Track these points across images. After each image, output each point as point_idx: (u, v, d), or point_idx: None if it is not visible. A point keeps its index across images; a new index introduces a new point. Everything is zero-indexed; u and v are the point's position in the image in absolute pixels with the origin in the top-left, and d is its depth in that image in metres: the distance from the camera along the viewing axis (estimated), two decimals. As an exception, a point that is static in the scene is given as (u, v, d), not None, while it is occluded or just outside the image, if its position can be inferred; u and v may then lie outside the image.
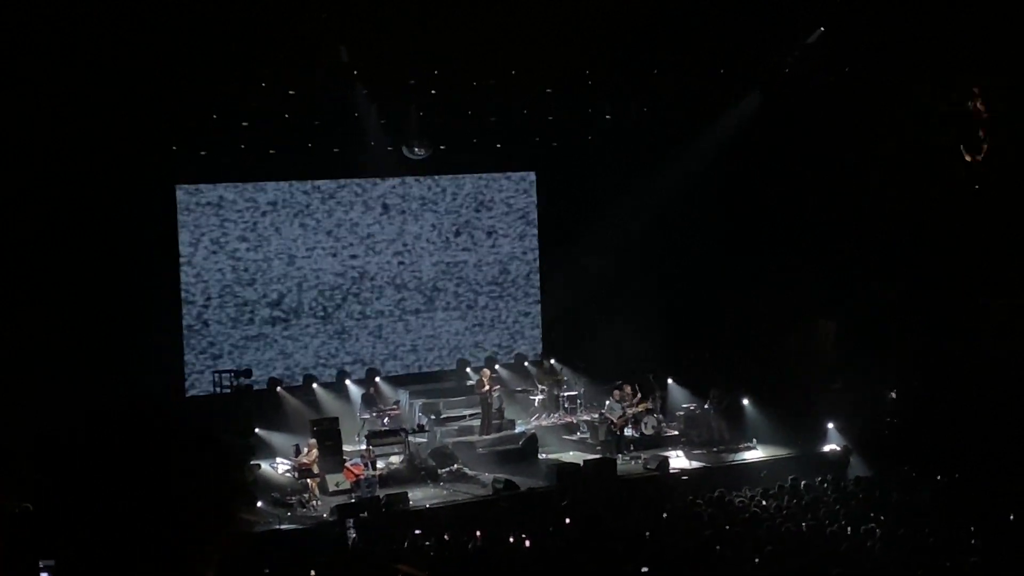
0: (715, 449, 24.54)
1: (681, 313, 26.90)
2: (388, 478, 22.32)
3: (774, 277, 26.29)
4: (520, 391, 26.99)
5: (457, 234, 28.26)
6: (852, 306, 26.03)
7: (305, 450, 22.06)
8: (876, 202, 25.45)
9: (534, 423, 25.77)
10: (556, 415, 26.27)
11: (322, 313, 26.87)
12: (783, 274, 26.18)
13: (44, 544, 1.97)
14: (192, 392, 25.18)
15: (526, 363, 28.33)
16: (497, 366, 27.79)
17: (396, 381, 26.75)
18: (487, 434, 24.87)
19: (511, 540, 17.53)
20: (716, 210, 26.85)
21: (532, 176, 29.00)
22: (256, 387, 25.09)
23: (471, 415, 25.54)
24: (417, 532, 18.41)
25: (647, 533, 17.38)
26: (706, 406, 25.22)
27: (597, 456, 23.71)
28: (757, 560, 15.33)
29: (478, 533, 18.12)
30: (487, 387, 25.13)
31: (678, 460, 23.97)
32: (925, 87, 23.92)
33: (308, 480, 21.49)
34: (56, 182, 21.63)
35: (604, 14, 22.47)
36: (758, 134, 26.06)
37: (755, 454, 24.40)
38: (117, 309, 22.65)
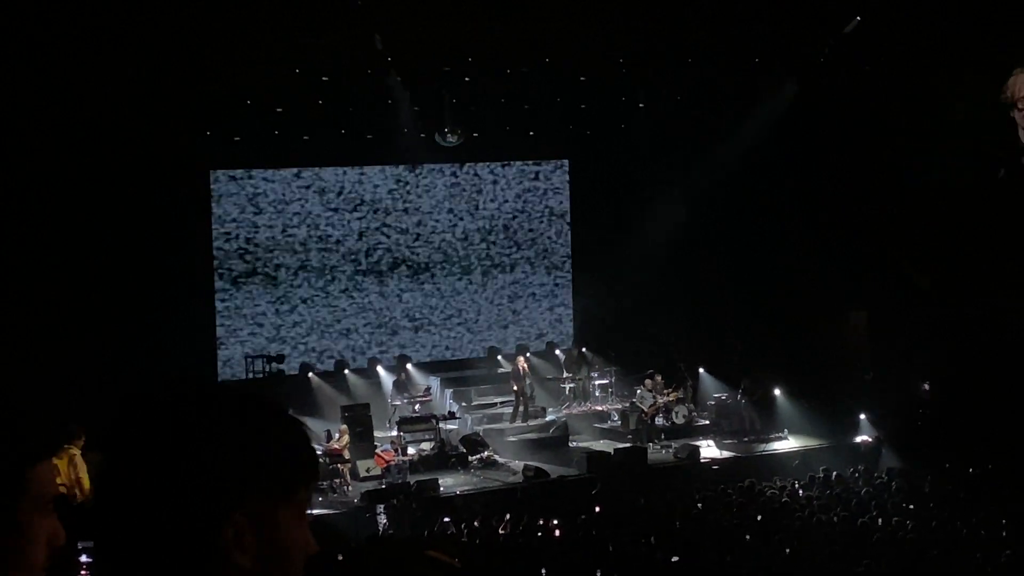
0: (746, 439, 24.47)
1: (713, 303, 26.81)
2: (418, 464, 22.39)
3: (807, 267, 26.19)
4: (551, 379, 27.00)
5: (489, 222, 28.26)
6: (885, 297, 25.89)
7: (336, 436, 22.15)
8: (911, 193, 25.29)
9: (565, 411, 25.78)
10: (587, 403, 26.27)
11: (354, 299, 26.95)
12: (816, 264, 26.08)
13: (83, 525, 2.02)
14: (224, 377, 25.31)
15: (557, 351, 28.32)
16: (528, 354, 27.82)
17: (427, 368, 26.81)
18: (522, 421, 24.83)
19: (541, 527, 17.57)
20: (749, 200, 26.73)
21: (565, 164, 28.97)
22: (288, 372, 25.22)
23: (502, 403, 25.57)
24: (446, 520, 18.47)
25: (677, 522, 17.40)
26: (738, 396, 25.15)
27: (628, 445, 23.70)
28: (788, 551, 15.31)
29: (508, 518, 18.18)
30: (524, 373, 25.12)
31: (709, 449, 23.93)
32: (962, 77, 23.75)
33: (339, 465, 21.55)
34: (91, 166, 21.76)
35: (638, 1, 22.43)
36: (793, 124, 25.92)
37: (786, 444, 24.34)
38: (150, 294, 22.77)
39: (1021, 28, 22.50)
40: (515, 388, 25.10)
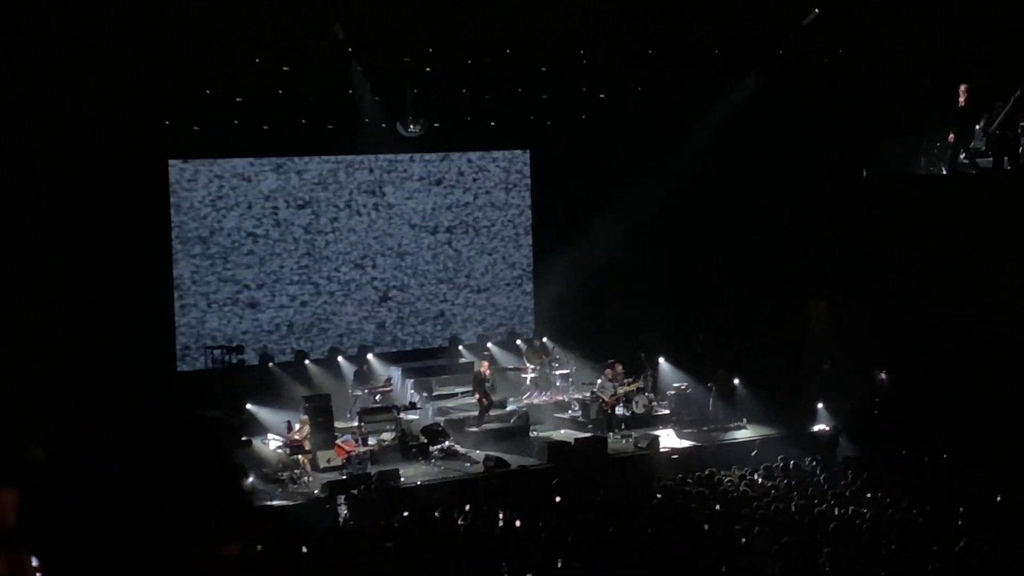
0: (705, 428, 24.60)
1: (674, 292, 26.93)
2: (379, 455, 22.39)
3: (767, 256, 26.38)
4: (512, 369, 27.03)
5: (451, 212, 28.25)
6: (844, 286, 26.09)
7: (297, 426, 22.11)
8: (871, 183, 25.49)
9: (526, 401, 25.82)
10: (548, 393, 26.31)
11: (313, 289, 26.88)
12: (776, 253, 26.27)
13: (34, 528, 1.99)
14: (183, 367, 25.21)
15: (518, 341, 28.37)
16: (489, 344, 27.86)
17: (388, 358, 26.79)
18: (480, 425, 24.60)
19: (501, 517, 17.60)
20: (710, 190, 26.82)
21: (526, 154, 28.99)
22: (248, 363, 25.15)
23: (463, 393, 25.55)
24: (406, 514, 18.48)
25: (637, 512, 17.48)
26: (708, 386, 25.20)
27: (588, 434, 23.79)
28: (745, 539, 15.43)
29: (468, 509, 18.21)
30: (486, 376, 24.90)
31: (668, 439, 24.06)
32: (921, 67, 23.94)
33: (299, 456, 21.52)
34: (49, 156, 21.58)
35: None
36: (754, 116, 26.04)
37: (745, 433, 24.48)
38: (109, 285, 22.64)
39: (978, 19, 22.70)
40: (476, 396, 24.74)
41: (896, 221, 25.34)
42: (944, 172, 23.18)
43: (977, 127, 22.35)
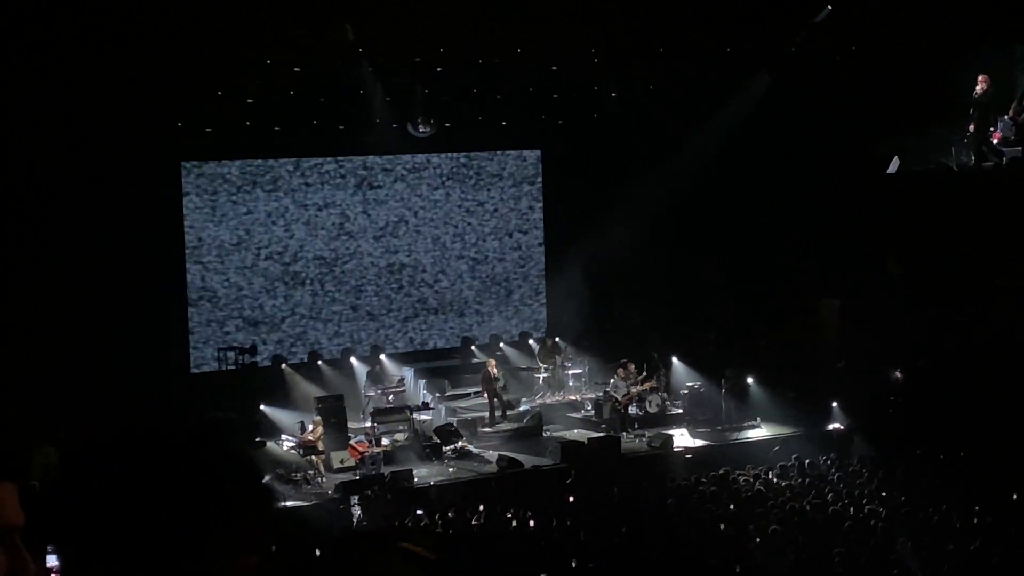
0: (719, 427, 24.53)
1: (686, 291, 26.86)
2: (392, 455, 22.38)
3: (780, 255, 26.29)
4: (525, 369, 27.00)
5: (462, 212, 28.23)
6: (857, 285, 25.99)
7: (310, 427, 22.11)
8: (883, 181, 25.38)
9: (539, 401, 25.79)
10: (561, 393, 26.28)
11: (326, 289, 26.88)
12: (789, 252, 26.18)
13: (51, 528, 1.99)
14: (196, 369, 25.22)
15: (531, 341, 28.33)
16: (502, 344, 27.82)
17: (401, 358, 26.78)
18: (500, 420, 24.65)
19: (513, 517, 17.59)
20: (722, 190, 26.76)
21: (537, 154, 28.95)
22: (261, 364, 25.16)
23: (476, 393, 25.54)
24: (419, 512, 18.48)
25: (651, 511, 17.45)
26: (720, 384, 25.14)
27: (601, 434, 23.75)
28: (759, 539, 15.39)
29: (481, 509, 18.20)
30: (495, 375, 24.88)
31: (682, 438, 24.00)
32: (933, 64, 23.85)
33: (313, 457, 21.53)
34: (62, 158, 21.61)
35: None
36: (765, 115, 25.97)
37: (759, 433, 24.42)
38: (122, 287, 22.68)
39: (988, 15, 22.62)
40: (485, 394, 24.85)
41: (903, 220, 25.23)
42: (972, 161, 23.06)
43: (1007, 116, 22.25)
